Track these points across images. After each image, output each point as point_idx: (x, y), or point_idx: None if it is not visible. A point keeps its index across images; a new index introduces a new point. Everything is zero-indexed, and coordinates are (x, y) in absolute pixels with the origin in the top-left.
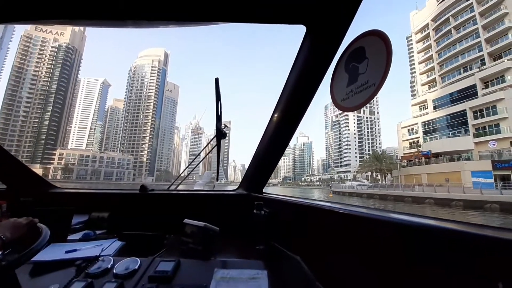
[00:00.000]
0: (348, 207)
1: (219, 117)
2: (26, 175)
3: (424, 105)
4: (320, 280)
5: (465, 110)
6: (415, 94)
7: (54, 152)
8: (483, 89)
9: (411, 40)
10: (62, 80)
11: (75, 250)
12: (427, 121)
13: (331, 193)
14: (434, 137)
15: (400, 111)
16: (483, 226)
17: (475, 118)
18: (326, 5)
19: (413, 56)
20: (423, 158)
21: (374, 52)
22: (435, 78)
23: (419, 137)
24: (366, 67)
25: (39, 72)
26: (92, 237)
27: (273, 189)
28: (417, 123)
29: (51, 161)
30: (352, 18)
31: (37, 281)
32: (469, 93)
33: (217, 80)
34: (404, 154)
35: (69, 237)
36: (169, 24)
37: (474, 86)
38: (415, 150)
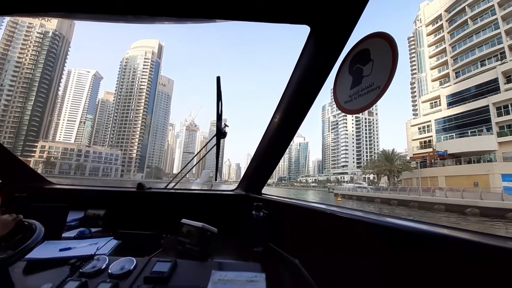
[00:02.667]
0: (349, 211)
1: (219, 116)
2: (21, 170)
3: (436, 101)
4: (319, 285)
5: (487, 106)
6: (415, 96)
7: (35, 144)
8: (505, 83)
9: (413, 40)
10: (47, 68)
11: (69, 248)
12: (441, 118)
13: (339, 196)
14: (450, 136)
15: (398, 114)
16: (480, 233)
17: (499, 115)
18: (331, 6)
19: (414, 57)
20: (438, 159)
21: (380, 55)
22: (449, 72)
23: (431, 136)
24: (371, 70)
25: (23, 59)
26: (87, 235)
27: (268, 190)
28: (429, 121)
29: (32, 154)
30: (357, 20)
31: (30, 279)
32: (489, 88)
33: (218, 79)
34: (413, 154)
35: (64, 235)
36: (170, 20)
37: (495, 80)
38: (429, 150)
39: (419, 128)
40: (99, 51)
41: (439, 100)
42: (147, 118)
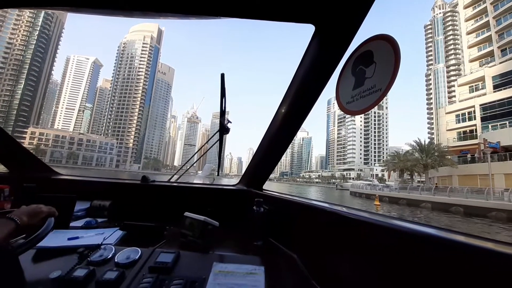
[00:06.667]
0: (349, 210)
1: (223, 112)
2: (28, 160)
3: (478, 84)
4: (316, 280)
5: None
6: (431, 88)
7: (25, 130)
8: None
9: (430, 28)
10: (39, 50)
11: (77, 238)
12: (489, 103)
13: (377, 200)
14: (502, 124)
15: (402, 110)
16: (489, 240)
17: None
18: (336, 6)
19: (430, 46)
20: (484, 152)
21: (382, 57)
22: (493, 50)
23: (475, 125)
24: (373, 72)
25: (14, 40)
26: (93, 225)
27: (268, 185)
28: (472, 106)
29: (22, 141)
30: (361, 20)
31: (40, 266)
32: None
33: (222, 76)
34: (449, 147)
35: (71, 224)
36: (176, 16)
37: None
38: (475, 141)
39: (456, 116)
40: (97, 36)
41: (482, 83)
42: (145, 106)
